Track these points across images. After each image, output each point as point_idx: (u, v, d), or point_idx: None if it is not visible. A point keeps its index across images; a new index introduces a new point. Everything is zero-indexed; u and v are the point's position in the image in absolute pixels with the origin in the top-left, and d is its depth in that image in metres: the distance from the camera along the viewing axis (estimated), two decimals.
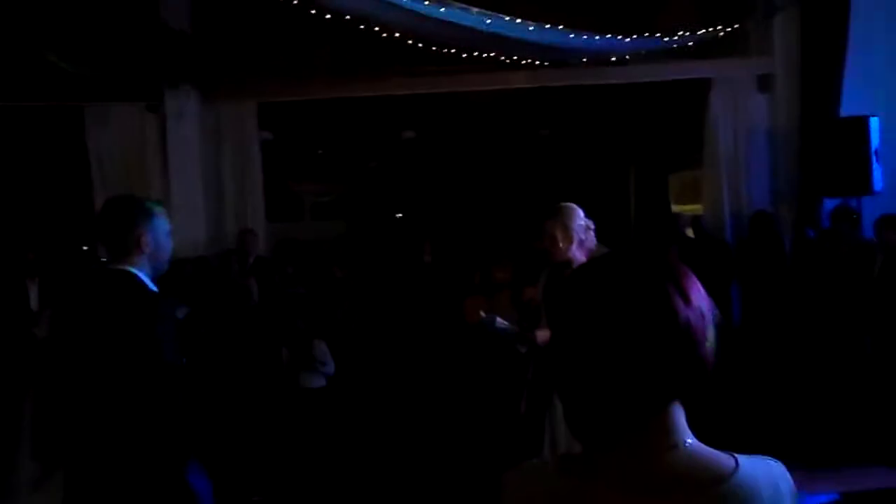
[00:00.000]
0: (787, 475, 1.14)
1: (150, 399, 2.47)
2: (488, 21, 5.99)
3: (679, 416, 1.11)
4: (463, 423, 6.54)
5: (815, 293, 6.51)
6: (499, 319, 4.27)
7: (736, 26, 7.44)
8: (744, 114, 7.82)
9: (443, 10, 5.70)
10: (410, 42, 6.37)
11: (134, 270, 2.64)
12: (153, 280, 2.71)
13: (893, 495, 2.58)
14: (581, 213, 4.13)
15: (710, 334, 1.11)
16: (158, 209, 2.77)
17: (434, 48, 6.61)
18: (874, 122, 7.00)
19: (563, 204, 4.18)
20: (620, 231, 10.05)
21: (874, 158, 6.94)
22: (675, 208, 10.35)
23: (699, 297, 1.12)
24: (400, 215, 13.70)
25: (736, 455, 1.11)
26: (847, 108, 7.26)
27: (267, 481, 5.54)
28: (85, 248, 9.06)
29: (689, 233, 7.96)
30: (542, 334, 4.04)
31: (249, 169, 7.98)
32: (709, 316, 1.12)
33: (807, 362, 6.17)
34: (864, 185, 6.96)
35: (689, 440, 1.11)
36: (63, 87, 7.19)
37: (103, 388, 2.48)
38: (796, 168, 7.62)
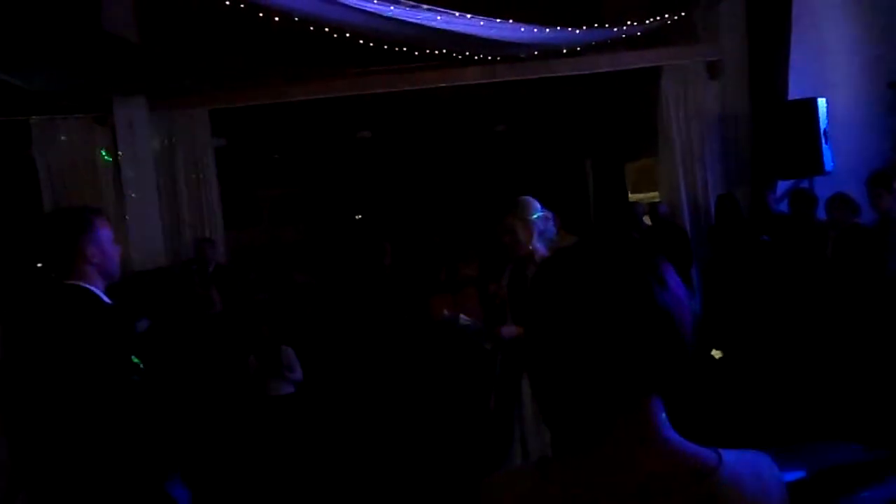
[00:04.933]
0: (775, 467, 1.11)
1: (111, 414, 2.46)
2: (439, 17, 5.97)
3: (658, 410, 1.08)
4: (433, 422, 6.52)
5: (774, 279, 6.60)
6: (462, 317, 4.28)
7: (683, 14, 7.52)
8: (695, 101, 7.91)
9: (392, 8, 5.66)
10: (362, 42, 6.32)
11: (86, 285, 2.61)
12: (107, 291, 2.69)
13: (859, 470, 2.63)
14: (538, 205, 4.15)
15: (688, 322, 1.08)
16: (98, 218, 2.75)
17: (386, 47, 6.57)
18: (822, 104, 7.12)
19: (520, 198, 4.20)
20: (581, 222, 10.11)
21: (823, 139, 7.07)
22: (633, 197, 10.44)
23: (675, 283, 1.10)
24: (359, 216, 13.63)
25: (719, 450, 1.08)
26: (795, 91, 7.38)
27: (238, 490, 5.47)
28: (39, 265, 8.85)
29: (647, 220, 8.03)
30: (508, 330, 4.06)
31: (204, 176, 7.88)
32: (686, 304, 1.09)
33: (770, 345, 6.26)
34: (815, 165, 7.09)
35: (670, 435, 1.08)
36: (7, 102, 7.01)
37: (62, 405, 2.45)
38: (749, 152, 7.73)
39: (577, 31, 6.89)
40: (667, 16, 7.40)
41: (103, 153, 7.47)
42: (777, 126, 7.27)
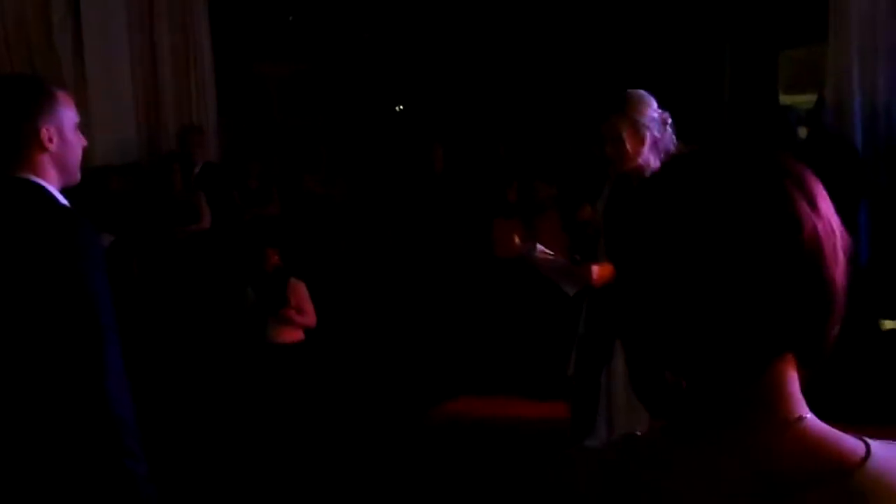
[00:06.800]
0: None
1: (69, 354, 2.50)
2: None
3: (792, 378, 1.10)
4: (489, 389, 6.58)
5: None
6: (540, 248, 4.28)
7: None
8: None
9: None
10: None
11: (39, 181, 2.65)
12: (63, 194, 2.73)
13: None
14: (654, 103, 4.13)
15: (842, 263, 1.08)
16: (62, 92, 2.78)
17: None
18: None
19: (631, 91, 4.18)
20: (710, 128, 9.97)
21: None
22: (786, 99, 10.26)
23: (828, 207, 1.10)
24: (400, 107, 13.63)
25: (866, 439, 1.09)
26: None
27: (228, 464, 5.61)
28: None
29: (803, 132, 7.91)
30: (600, 269, 4.08)
31: (195, 42, 7.95)
32: (840, 238, 1.09)
33: None
34: None
35: (806, 414, 1.09)
36: None
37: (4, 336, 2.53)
38: None
39: None
40: None
41: None
42: None
